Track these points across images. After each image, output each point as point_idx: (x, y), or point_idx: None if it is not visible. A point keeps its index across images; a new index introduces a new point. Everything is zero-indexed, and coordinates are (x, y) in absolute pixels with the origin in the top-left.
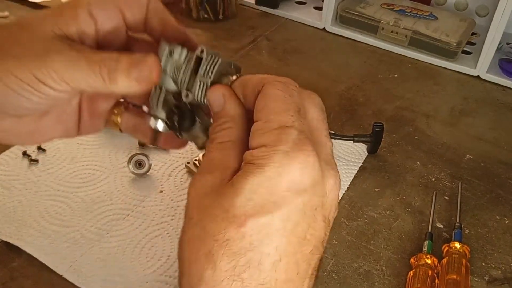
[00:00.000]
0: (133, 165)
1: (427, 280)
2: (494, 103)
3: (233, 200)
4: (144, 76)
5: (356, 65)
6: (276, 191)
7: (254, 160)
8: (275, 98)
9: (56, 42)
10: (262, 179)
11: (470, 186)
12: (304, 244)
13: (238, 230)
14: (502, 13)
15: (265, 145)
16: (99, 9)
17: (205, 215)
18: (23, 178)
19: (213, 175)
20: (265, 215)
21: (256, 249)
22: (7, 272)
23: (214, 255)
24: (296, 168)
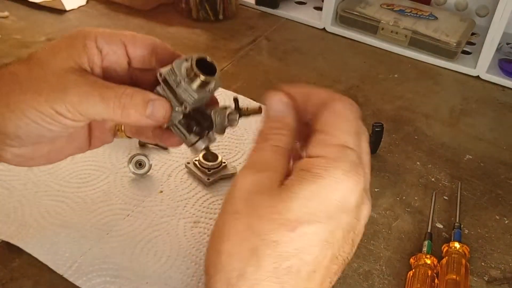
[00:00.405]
0: (133, 165)
1: (426, 280)
2: (494, 103)
3: (288, 204)
4: (159, 115)
5: (356, 65)
6: (328, 204)
7: (312, 169)
8: (343, 116)
9: (71, 76)
10: (318, 189)
11: (469, 186)
12: (334, 262)
13: (288, 234)
14: (502, 13)
15: (325, 157)
16: (105, 42)
17: (253, 213)
18: (23, 178)
19: (265, 175)
20: (315, 224)
21: (299, 256)
22: (7, 272)
23: (259, 253)
24: (349, 188)
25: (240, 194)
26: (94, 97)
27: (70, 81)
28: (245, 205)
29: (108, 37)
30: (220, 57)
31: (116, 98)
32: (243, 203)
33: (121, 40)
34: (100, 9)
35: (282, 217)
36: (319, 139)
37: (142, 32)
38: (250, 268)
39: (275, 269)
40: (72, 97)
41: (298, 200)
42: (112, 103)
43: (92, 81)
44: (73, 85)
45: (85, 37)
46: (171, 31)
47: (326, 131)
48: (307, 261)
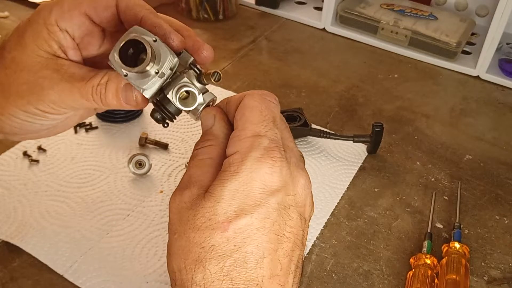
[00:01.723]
0: (133, 165)
1: (426, 280)
2: (494, 103)
3: (215, 208)
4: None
5: (356, 65)
6: (252, 194)
7: (229, 167)
8: (251, 109)
9: (46, 73)
10: (237, 184)
11: (469, 186)
12: (284, 241)
13: (222, 235)
14: (502, 13)
15: (239, 151)
16: (65, 22)
17: (188, 227)
18: (23, 178)
19: (191, 190)
20: (245, 217)
21: (240, 250)
22: (7, 272)
23: (202, 260)
24: (266, 172)
25: (174, 215)
26: (73, 95)
27: (46, 80)
28: (179, 224)
29: (67, 14)
30: (220, 57)
31: (94, 90)
32: (178, 222)
33: (81, 13)
34: None
35: (212, 222)
36: (233, 136)
37: None
38: (199, 276)
39: (221, 269)
40: (52, 97)
41: (222, 201)
42: (91, 96)
43: (68, 74)
44: (49, 84)
45: (46, 23)
46: None
47: (238, 126)
48: (250, 251)
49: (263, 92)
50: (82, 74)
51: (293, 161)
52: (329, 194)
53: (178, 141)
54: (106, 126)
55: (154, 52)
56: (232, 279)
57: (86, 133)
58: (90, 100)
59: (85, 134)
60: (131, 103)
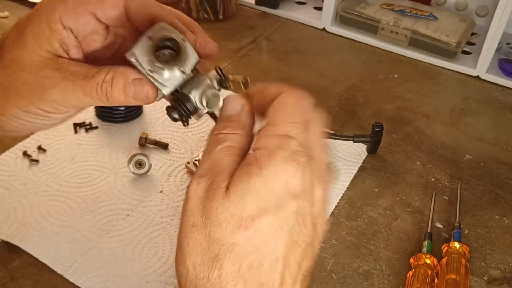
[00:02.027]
0: (133, 165)
1: (426, 280)
2: (494, 103)
3: (238, 203)
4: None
5: (356, 65)
6: (275, 192)
7: (254, 162)
8: (287, 107)
9: (47, 73)
10: (263, 181)
11: (469, 186)
12: (296, 247)
13: (244, 233)
14: (502, 13)
15: (266, 148)
16: (70, 20)
17: (209, 221)
18: (23, 178)
19: (218, 180)
20: (267, 215)
21: (257, 252)
22: (7, 272)
23: (221, 259)
24: (290, 174)
25: (194, 206)
26: (76, 93)
27: (47, 79)
28: (200, 216)
29: (72, 12)
30: (220, 57)
31: (98, 87)
32: (199, 215)
33: (87, 11)
34: None
35: (234, 218)
36: (263, 131)
37: None
38: (214, 274)
39: (237, 270)
40: (53, 97)
41: (248, 196)
42: (95, 94)
43: (69, 73)
44: (51, 83)
45: (49, 21)
46: None
47: (270, 122)
48: (266, 254)
49: (302, 93)
50: (84, 72)
51: (317, 171)
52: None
53: (178, 141)
54: (106, 126)
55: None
56: (246, 282)
57: (86, 133)
58: (94, 98)
59: (85, 134)
60: (141, 98)
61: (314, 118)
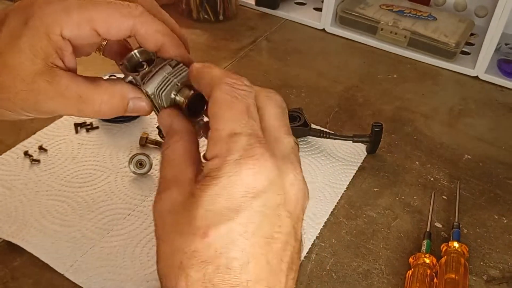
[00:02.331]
0: (134, 165)
1: (425, 280)
2: (493, 104)
3: (194, 212)
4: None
5: (356, 65)
6: (233, 199)
7: (209, 173)
8: (223, 104)
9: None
10: (218, 189)
11: (468, 186)
12: (272, 242)
13: (202, 240)
14: (501, 14)
15: (218, 155)
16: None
17: (170, 231)
18: (24, 178)
19: (171, 192)
20: (226, 222)
21: (222, 256)
22: (8, 271)
23: (185, 267)
24: (248, 174)
25: (157, 219)
26: (68, 110)
27: (40, 94)
28: (162, 227)
29: (75, 27)
30: (221, 57)
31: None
32: (161, 226)
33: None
34: None
35: (192, 227)
36: (210, 138)
37: None
38: (182, 283)
39: (203, 275)
40: (46, 109)
41: (202, 206)
42: (90, 112)
43: (63, 87)
44: (44, 98)
45: (48, 31)
46: None
47: (213, 126)
48: (234, 257)
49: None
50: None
51: (280, 154)
52: (329, 194)
53: None
54: (107, 126)
55: None
56: (214, 286)
57: (87, 133)
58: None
59: (86, 134)
60: (141, 112)
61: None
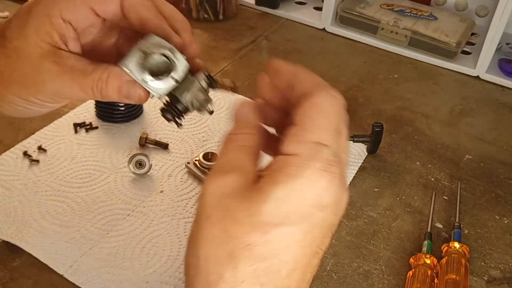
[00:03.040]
0: (134, 165)
1: (426, 280)
2: (494, 103)
3: (261, 206)
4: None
5: (356, 65)
6: (303, 204)
7: (284, 169)
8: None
9: (46, 65)
10: (291, 190)
11: (469, 186)
12: (315, 257)
13: (262, 236)
14: (502, 14)
15: (299, 155)
16: (70, 14)
17: (227, 216)
18: (23, 178)
19: (235, 177)
20: (290, 226)
21: (276, 257)
22: (7, 272)
23: (236, 256)
24: (323, 187)
25: (211, 199)
26: (73, 88)
27: (46, 72)
28: (216, 209)
29: (72, 6)
30: (220, 57)
31: (94, 85)
32: (215, 207)
33: (86, 5)
34: None
35: (254, 219)
36: (294, 135)
37: None
38: (229, 271)
39: (254, 271)
40: (51, 89)
41: (271, 202)
42: (90, 90)
43: (68, 67)
44: (50, 76)
45: (49, 14)
46: None
47: (302, 126)
48: (285, 261)
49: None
50: (81, 67)
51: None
52: None
53: (178, 141)
54: (106, 126)
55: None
56: (262, 285)
57: (86, 133)
58: (89, 94)
59: (85, 134)
60: (134, 99)
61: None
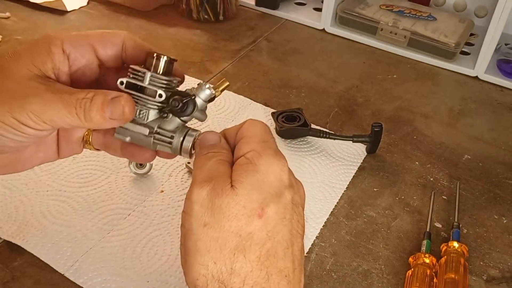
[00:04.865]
0: (134, 165)
1: (425, 279)
2: (492, 104)
3: (248, 196)
4: (117, 114)
5: (355, 65)
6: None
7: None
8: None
9: (33, 84)
10: (261, 175)
11: (468, 186)
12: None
13: (257, 221)
14: (501, 14)
15: (254, 150)
16: (72, 47)
17: (222, 216)
18: (24, 178)
19: (217, 181)
20: (272, 204)
21: (271, 239)
22: (8, 271)
23: (241, 248)
24: (279, 168)
25: (202, 207)
26: (56, 104)
27: (31, 89)
28: (211, 214)
29: (75, 40)
30: (220, 57)
31: (77, 103)
32: (209, 213)
33: (89, 43)
34: (101, 10)
35: (247, 209)
36: (244, 141)
37: (142, 33)
38: (238, 264)
39: (258, 258)
40: (34, 106)
41: (252, 189)
42: (74, 108)
43: (54, 88)
44: (34, 93)
45: (50, 42)
46: (172, 32)
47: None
48: (278, 240)
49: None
50: (67, 89)
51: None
52: (329, 194)
53: None
54: None
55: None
56: (267, 269)
57: None
58: (72, 113)
59: None
60: (117, 116)
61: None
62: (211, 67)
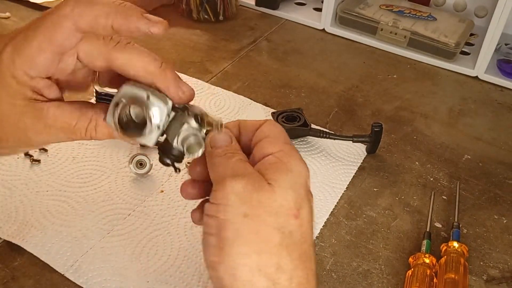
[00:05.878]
0: (134, 165)
1: (425, 279)
2: (492, 104)
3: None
4: None
5: (355, 65)
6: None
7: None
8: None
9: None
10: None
11: (468, 186)
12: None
13: (295, 222)
14: (501, 14)
15: (282, 150)
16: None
17: (263, 210)
18: (25, 178)
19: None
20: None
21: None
22: (8, 271)
23: (285, 245)
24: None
25: (239, 198)
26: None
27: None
28: (249, 206)
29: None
30: (220, 57)
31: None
32: (247, 204)
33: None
34: None
35: (284, 207)
36: (268, 141)
37: None
38: (284, 260)
39: (299, 257)
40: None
41: (288, 188)
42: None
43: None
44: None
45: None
46: (172, 32)
47: (270, 135)
48: (310, 243)
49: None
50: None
51: None
52: (329, 194)
53: None
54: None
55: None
56: (306, 269)
57: None
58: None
59: None
60: None
61: None
62: (211, 67)
